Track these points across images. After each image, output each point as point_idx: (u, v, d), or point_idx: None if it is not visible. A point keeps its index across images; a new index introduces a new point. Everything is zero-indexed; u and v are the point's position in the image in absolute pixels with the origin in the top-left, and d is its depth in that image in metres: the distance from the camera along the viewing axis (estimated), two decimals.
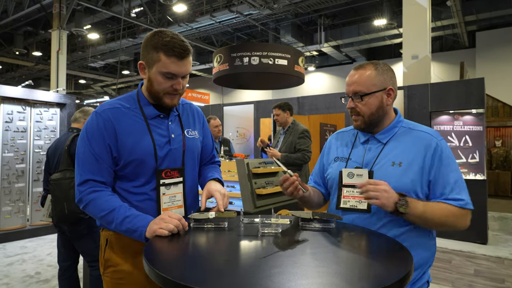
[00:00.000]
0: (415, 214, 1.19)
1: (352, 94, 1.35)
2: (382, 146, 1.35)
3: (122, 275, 1.29)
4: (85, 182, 1.26)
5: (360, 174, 1.30)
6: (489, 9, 10.08)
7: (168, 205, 1.34)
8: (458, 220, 1.24)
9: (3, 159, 5.05)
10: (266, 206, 2.71)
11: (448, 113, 5.37)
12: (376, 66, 1.35)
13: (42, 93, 5.55)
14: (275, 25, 12.60)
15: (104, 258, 1.33)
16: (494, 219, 6.47)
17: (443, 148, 1.28)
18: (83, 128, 1.32)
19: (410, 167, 1.26)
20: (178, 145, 1.37)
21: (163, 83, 1.27)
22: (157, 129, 1.33)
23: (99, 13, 11.70)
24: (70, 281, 2.60)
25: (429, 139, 1.29)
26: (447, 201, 1.24)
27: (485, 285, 3.45)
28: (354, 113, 1.37)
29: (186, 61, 1.27)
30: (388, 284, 0.77)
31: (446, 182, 1.25)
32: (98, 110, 1.31)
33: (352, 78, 1.35)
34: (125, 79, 18.65)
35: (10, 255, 4.36)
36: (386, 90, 1.34)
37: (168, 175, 1.34)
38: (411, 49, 6.50)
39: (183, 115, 1.45)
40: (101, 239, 1.38)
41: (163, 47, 1.23)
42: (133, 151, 1.27)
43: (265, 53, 6.10)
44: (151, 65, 1.27)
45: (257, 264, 0.91)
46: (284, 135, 4.02)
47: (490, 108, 9.20)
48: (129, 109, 1.32)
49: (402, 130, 1.36)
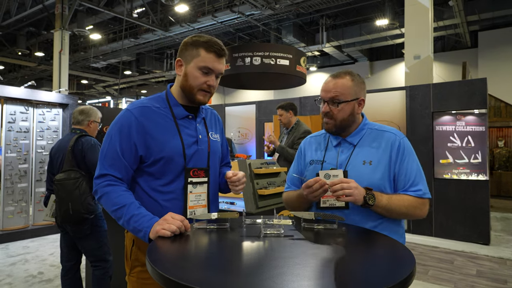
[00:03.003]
0: (381, 206, 1.33)
1: (328, 99, 1.46)
2: (353, 147, 1.48)
3: (149, 275, 1.30)
4: (102, 176, 1.30)
5: (336, 174, 1.36)
6: (492, 9, 10.04)
7: (194, 203, 1.38)
8: (416, 209, 1.38)
9: (6, 159, 5.07)
10: (268, 206, 2.71)
11: (450, 113, 5.36)
12: (353, 77, 1.48)
13: (45, 93, 5.57)
14: (276, 25, 12.59)
15: (131, 259, 1.36)
16: (497, 220, 6.45)
17: (405, 145, 1.44)
18: (112, 123, 1.36)
19: (379, 165, 1.41)
20: (204, 146, 1.42)
21: (199, 78, 1.34)
22: (186, 129, 1.39)
23: (101, 14, 11.72)
24: (73, 281, 2.61)
25: (393, 138, 1.45)
26: (407, 192, 1.39)
27: (488, 286, 3.44)
28: (327, 117, 1.49)
29: (222, 60, 1.37)
30: (391, 285, 0.77)
31: (407, 175, 1.40)
32: (130, 108, 1.36)
33: (331, 84, 1.47)
34: (127, 79, 18.68)
35: (12, 255, 4.38)
36: (358, 100, 1.48)
37: (195, 174, 1.39)
38: (413, 49, 6.48)
39: (207, 118, 1.52)
40: (126, 240, 1.41)
41: (203, 44, 1.33)
42: (163, 149, 1.32)
43: (267, 53, 6.11)
44: (189, 60, 1.34)
45: (259, 265, 0.91)
46: (287, 135, 4.03)
47: (493, 108, 9.16)
48: (159, 108, 1.38)
49: (369, 131, 1.51)
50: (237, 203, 2.83)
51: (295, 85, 7.76)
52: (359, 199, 1.29)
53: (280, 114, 3.99)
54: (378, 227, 1.38)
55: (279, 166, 3.09)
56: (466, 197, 4.98)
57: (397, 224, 1.45)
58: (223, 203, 2.88)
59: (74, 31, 11.21)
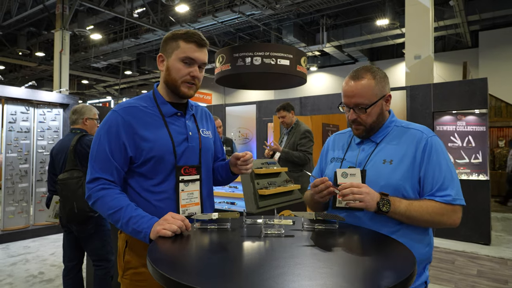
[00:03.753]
0: (398, 212, 1.21)
1: (353, 106, 1.34)
2: (375, 145, 1.37)
3: (143, 277, 1.28)
4: (95, 180, 1.28)
5: (353, 173, 1.31)
6: (492, 9, 10.03)
7: (186, 202, 1.36)
8: (443, 216, 1.23)
9: (7, 159, 5.07)
10: (269, 206, 2.71)
11: (451, 113, 5.36)
12: (374, 75, 1.34)
13: (45, 93, 5.58)
14: (277, 25, 12.59)
15: (124, 261, 1.33)
16: (497, 220, 6.45)
17: (433, 145, 1.29)
18: (100, 125, 1.34)
19: (400, 165, 1.28)
20: (195, 143, 1.40)
21: (181, 70, 1.32)
22: (175, 126, 1.37)
23: (102, 14, 11.73)
24: (74, 281, 2.62)
25: (419, 136, 1.31)
26: (433, 198, 1.25)
27: (488, 286, 3.44)
28: (355, 124, 1.37)
29: (204, 50, 1.35)
30: (391, 285, 0.77)
31: (434, 178, 1.25)
32: (116, 109, 1.33)
33: (352, 89, 1.33)
34: (127, 79, 18.70)
35: (13, 255, 4.38)
36: (385, 98, 1.36)
37: (187, 172, 1.36)
38: (413, 49, 6.48)
39: (197, 115, 1.49)
40: (119, 242, 1.38)
41: (182, 35, 1.32)
42: (153, 148, 1.29)
43: (267, 53, 6.10)
44: (169, 53, 1.33)
45: (260, 265, 0.91)
46: (287, 135, 4.02)
47: (493, 108, 9.15)
48: (147, 107, 1.35)
49: (395, 129, 1.39)
50: (237, 203, 2.83)
51: (296, 85, 7.75)
52: (370, 206, 1.20)
53: (283, 115, 3.97)
54: (395, 233, 1.25)
55: (279, 166, 3.09)
56: (467, 197, 4.91)
57: (420, 232, 1.29)
58: (223, 203, 2.88)
59: (75, 31, 11.22)
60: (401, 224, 1.26)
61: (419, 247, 1.27)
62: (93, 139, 1.33)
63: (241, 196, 2.75)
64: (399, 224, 1.26)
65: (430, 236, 1.34)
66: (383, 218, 1.26)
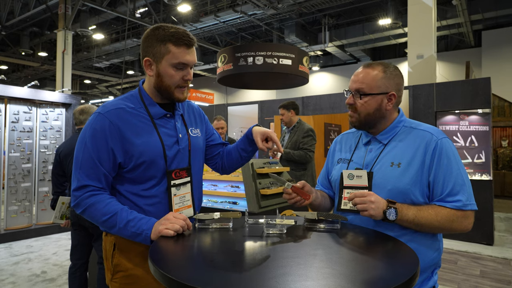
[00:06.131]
0: (406, 220, 1.18)
1: (354, 91, 1.34)
2: (383, 147, 1.33)
3: (133, 280, 1.26)
4: (82, 188, 1.21)
5: (360, 175, 1.29)
6: (495, 8, 10.00)
7: (179, 206, 1.33)
8: (453, 223, 1.19)
9: (9, 159, 5.09)
10: (270, 206, 2.70)
11: (454, 113, 5.34)
12: (386, 69, 1.32)
13: (48, 93, 5.59)
14: (279, 25, 12.59)
15: (112, 264, 1.29)
16: (500, 220, 6.42)
17: (443, 148, 1.23)
18: (83, 129, 1.25)
19: (408, 168, 1.23)
20: (185, 145, 1.35)
21: (174, 75, 1.25)
22: (165, 129, 1.31)
23: (104, 14, 11.77)
24: (80, 279, 2.63)
25: (429, 138, 1.26)
26: (443, 203, 1.21)
27: (491, 286, 3.42)
28: (351, 109, 1.36)
29: (193, 50, 1.27)
30: (394, 286, 0.76)
31: (444, 183, 1.21)
32: (101, 111, 1.24)
33: (359, 74, 1.34)
34: (130, 79, 18.74)
35: (16, 254, 4.40)
36: (387, 95, 1.32)
37: (178, 176, 1.31)
38: (416, 48, 6.46)
39: (185, 113, 1.43)
40: (105, 244, 1.33)
41: (171, 38, 1.22)
42: (143, 153, 1.23)
43: (269, 53, 6.10)
44: (159, 58, 1.24)
45: (262, 265, 0.91)
46: (289, 134, 4.03)
47: (496, 107, 9.11)
48: (134, 109, 1.28)
49: (404, 129, 1.34)
50: (239, 203, 2.83)
51: (298, 85, 7.75)
52: (376, 215, 1.16)
53: (282, 113, 4.01)
54: (402, 237, 1.20)
55: (281, 166, 3.09)
56: None
57: (428, 236, 1.25)
58: (225, 203, 2.88)
59: (77, 31, 11.26)
60: (406, 229, 1.23)
61: (428, 252, 1.24)
62: (77, 144, 1.25)
63: (243, 196, 2.75)
64: (404, 229, 1.23)
65: (439, 241, 1.30)
66: (386, 224, 1.23)
